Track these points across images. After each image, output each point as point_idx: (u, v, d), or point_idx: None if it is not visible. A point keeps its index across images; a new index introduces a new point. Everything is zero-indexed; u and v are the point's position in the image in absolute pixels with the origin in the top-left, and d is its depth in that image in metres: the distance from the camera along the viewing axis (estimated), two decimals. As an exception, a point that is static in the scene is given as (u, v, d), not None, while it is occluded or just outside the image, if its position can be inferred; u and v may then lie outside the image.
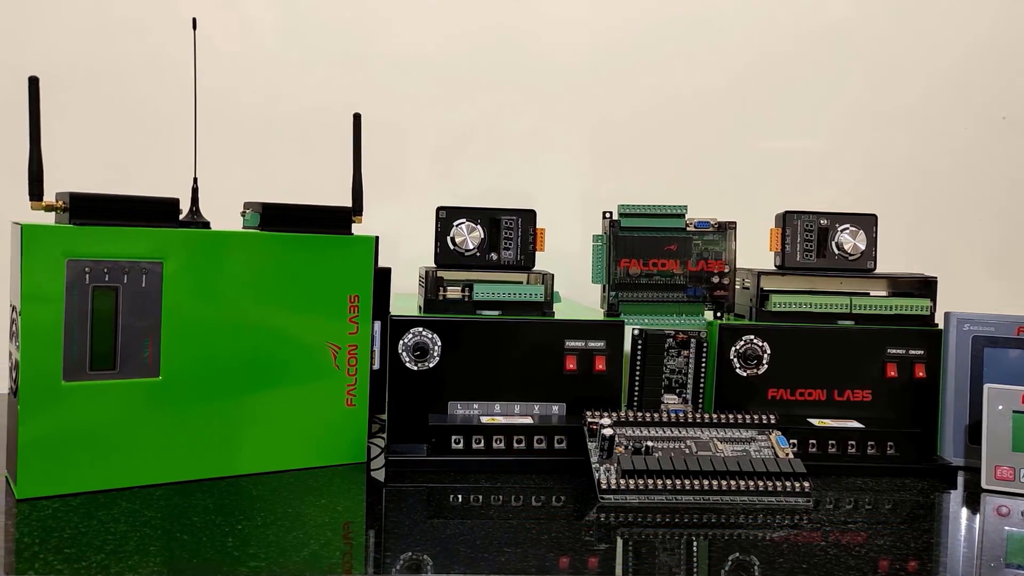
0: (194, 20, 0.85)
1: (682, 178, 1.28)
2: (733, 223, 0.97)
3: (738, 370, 0.95)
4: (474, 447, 0.88)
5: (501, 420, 0.89)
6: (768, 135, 1.30)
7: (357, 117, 0.90)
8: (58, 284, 0.73)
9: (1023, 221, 1.33)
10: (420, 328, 0.90)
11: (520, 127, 1.27)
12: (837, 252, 0.98)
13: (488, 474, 0.86)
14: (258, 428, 0.83)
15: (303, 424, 0.86)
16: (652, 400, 0.96)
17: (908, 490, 0.87)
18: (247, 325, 0.82)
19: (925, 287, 0.98)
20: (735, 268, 0.97)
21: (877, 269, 0.98)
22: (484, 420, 0.89)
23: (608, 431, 0.83)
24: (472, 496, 0.81)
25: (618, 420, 0.87)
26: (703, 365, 0.96)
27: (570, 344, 0.92)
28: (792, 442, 0.89)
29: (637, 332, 0.96)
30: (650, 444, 0.86)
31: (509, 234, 0.95)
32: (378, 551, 0.69)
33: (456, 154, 1.26)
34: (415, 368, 0.90)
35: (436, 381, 0.91)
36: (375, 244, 0.88)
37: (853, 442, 0.92)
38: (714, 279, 0.97)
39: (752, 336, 0.95)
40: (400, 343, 0.90)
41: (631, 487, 0.80)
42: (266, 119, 1.21)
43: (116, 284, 0.76)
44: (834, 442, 0.92)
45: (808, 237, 0.98)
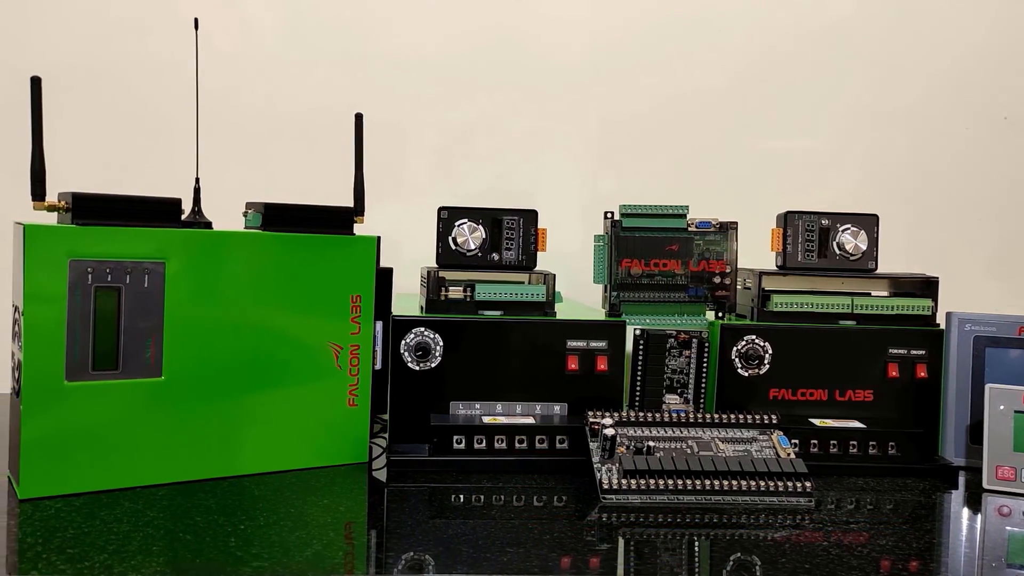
0: (196, 20, 0.85)
1: (683, 178, 1.28)
2: (734, 223, 0.97)
3: (739, 370, 0.95)
4: (476, 447, 0.88)
5: (503, 420, 0.90)
6: (769, 135, 1.30)
7: (359, 117, 0.90)
8: (60, 284, 0.73)
9: (1024, 221, 1.33)
10: (422, 328, 0.90)
11: (520, 127, 1.27)
12: (838, 252, 0.98)
13: (490, 474, 0.86)
14: (260, 428, 0.83)
15: (305, 424, 0.86)
16: (654, 400, 0.96)
17: (909, 490, 0.87)
18: (249, 325, 0.82)
19: (926, 287, 0.98)
20: (736, 268, 0.98)
21: (878, 269, 0.99)
22: (486, 420, 0.89)
23: (610, 431, 0.83)
24: (474, 496, 0.81)
25: (620, 420, 0.87)
26: (705, 365, 0.96)
27: (572, 344, 0.92)
28: (794, 442, 0.89)
29: (639, 332, 0.96)
30: (652, 444, 0.86)
31: (511, 234, 0.95)
32: (380, 551, 0.69)
33: (456, 154, 1.26)
34: (417, 368, 0.90)
35: (438, 381, 0.91)
36: (377, 244, 0.88)
37: (855, 442, 0.92)
38: (715, 279, 0.97)
39: (753, 336, 0.95)
40: (402, 343, 0.90)
41: (633, 487, 0.80)
42: (266, 119, 1.21)
43: (118, 284, 0.76)
44: (835, 442, 0.92)
45: (809, 237, 0.98)
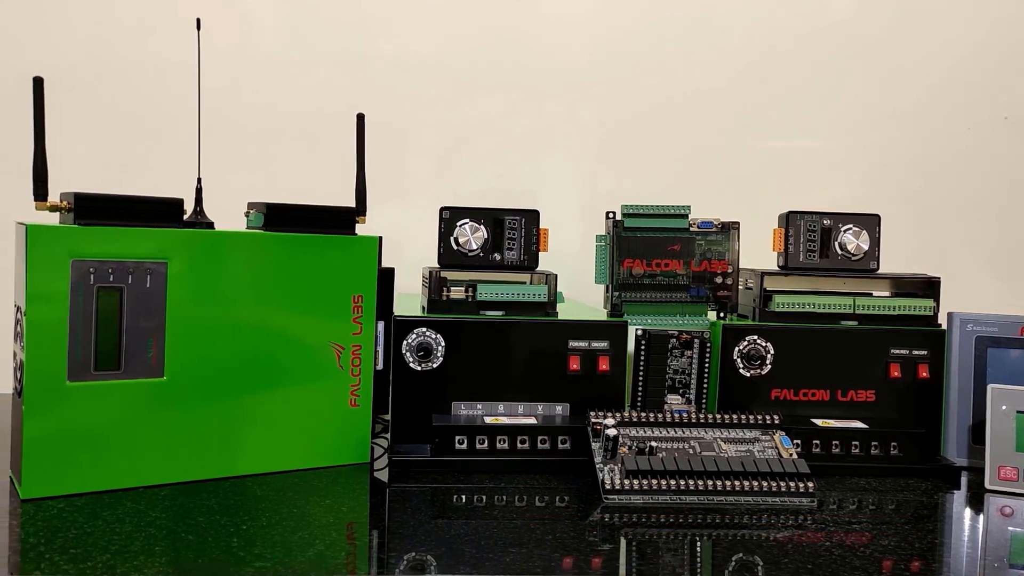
0: (198, 21, 0.85)
1: (684, 178, 1.28)
2: (736, 223, 0.97)
3: (741, 370, 0.95)
4: (478, 447, 0.88)
5: (505, 420, 0.89)
6: (769, 135, 1.30)
7: (361, 117, 0.90)
8: (63, 284, 0.73)
9: (1025, 221, 1.33)
10: (424, 328, 0.90)
11: (521, 127, 1.27)
12: (840, 252, 0.98)
13: (492, 474, 0.86)
14: (262, 428, 0.83)
15: (307, 424, 0.86)
16: (656, 400, 0.96)
17: (912, 490, 0.87)
18: (251, 325, 0.82)
19: (928, 287, 0.98)
20: (738, 268, 0.98)
21: (880, 269, 0.99)
22: (488, 420, 0.89)
23: (612, 431, 0.83)
24: (476, 496, 0.81)
25: (622, 420, 0.87)
26: (706, 365, 0.96)
27: (574, 344, 0.92)
28: (796, 442, 0.89)
29: (640, 332, 0.96)
30: (654, 444, 0.86)
31: (512, 234, 0.95)
32: (382, 551, 0.69)
33: (457, 154, 1.26)
34: (419, 368, 0.90)
35: (440, 381, 0.91)
36: (379, 244, 0.88)
37: (857, 442, 0.92)
38: (717, 279, 0.97)
39: (755, 336, 0.95)
40: (404, 343, 0.90)
41: (635, 487, 0.80)
42: (267, 119, 1.21)
43: (120, 284, 0.76)
44: (838, 442, 0.92)
45: (811, 237, 0.98)
